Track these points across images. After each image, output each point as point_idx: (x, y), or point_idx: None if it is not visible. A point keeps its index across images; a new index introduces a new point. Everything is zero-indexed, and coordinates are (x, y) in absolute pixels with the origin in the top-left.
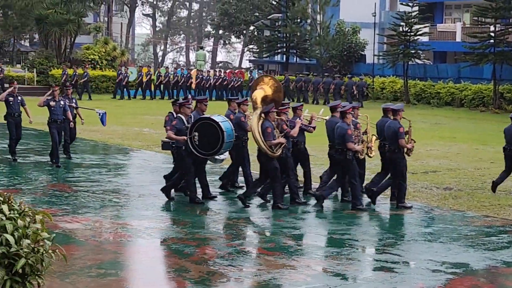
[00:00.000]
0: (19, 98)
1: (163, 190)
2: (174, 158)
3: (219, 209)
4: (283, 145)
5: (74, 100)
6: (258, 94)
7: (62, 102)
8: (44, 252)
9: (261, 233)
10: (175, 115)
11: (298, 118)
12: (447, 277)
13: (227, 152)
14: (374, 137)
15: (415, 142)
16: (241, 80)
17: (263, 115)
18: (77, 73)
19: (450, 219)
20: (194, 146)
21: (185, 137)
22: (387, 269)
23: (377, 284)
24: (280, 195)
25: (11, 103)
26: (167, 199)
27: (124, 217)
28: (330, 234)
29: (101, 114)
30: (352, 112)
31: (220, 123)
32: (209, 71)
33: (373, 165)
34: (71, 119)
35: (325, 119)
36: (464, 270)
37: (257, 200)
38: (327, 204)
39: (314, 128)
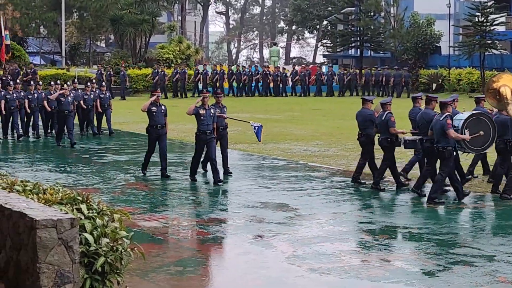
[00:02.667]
0: (163, 107)
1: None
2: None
3: (295, 205)
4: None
5: (225, 109)
6: (507, 90)
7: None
8: (122, 250)
9: (339, 230)
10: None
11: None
12: None
13: None
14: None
15: None
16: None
17: None
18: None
19: None
20: (467, 144)
21: (468, 136)
22: (467, 263)
23: (457, 279)
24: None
25: (154, 113)
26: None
27: (201, 215)
28: (407, 228)
29: (256, 127)
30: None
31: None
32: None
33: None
34: (213, 130)
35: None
36: None
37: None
38: (402, 197)
39: None
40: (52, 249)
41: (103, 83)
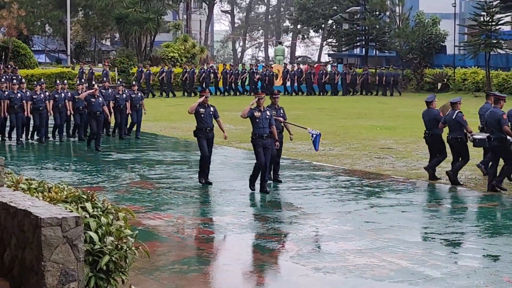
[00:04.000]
0: (211, 109)
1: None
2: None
3: (299, 204)
4: None
5: (282, 111)
6: None
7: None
8: (127, 249)
9: (344, 229)
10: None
11: None
12: None
13: None
14: None
15: None
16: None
17: None
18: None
19: None
20: None
21: None
22: (472, 263)
23: (462, 278)
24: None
25: (202, 115)
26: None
27: (206, 213)
28: (412, 228)
29: (314, 135)
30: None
31: None
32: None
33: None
34: (276, 137)
35: None
36: None
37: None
38: (407, 197)
39: None
40: (57, 247)
41: (134, 82)
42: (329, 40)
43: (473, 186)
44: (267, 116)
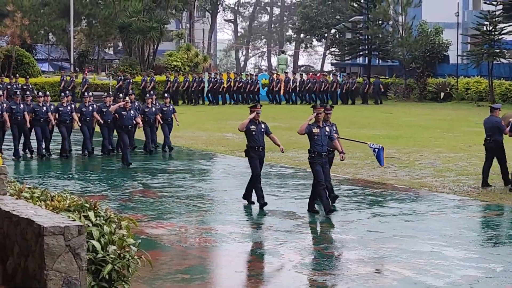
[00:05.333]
0: (263, 126)
1: None
2: None
3: (302, 213)
4: None
5: (334, 128)
6: None
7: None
8: (130, 257)
9: (347, 239)
10: None
11: None
12: None
13: None
14: None
15: None
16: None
17: None
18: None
19: None
20: None
21: None
22: (475, 273)
23: None
24: None
25: (253, 132)
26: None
27: (209, 222)
28: (415, 237)
29: (376, 150)
30: None
31: None
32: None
33: None
34: (340, 148)
35: None
36: None
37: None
38: (410, 206)
39: None
40: (59, 256)
41: (166, 95)
42: (332, 49)
43: (476, 195)
44: (326, 133)
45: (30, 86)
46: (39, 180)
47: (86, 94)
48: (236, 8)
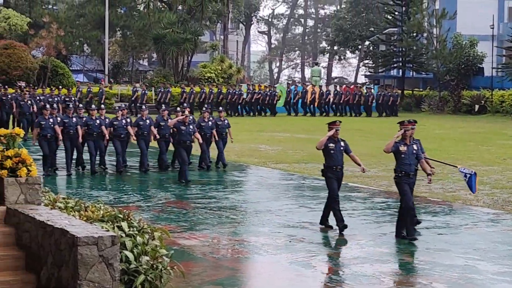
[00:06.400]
0: (342, 144)
1: None
2: None
3: (335, 226)
4: None
5: (419, 145)
6: None
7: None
8: (162, 268)
9: (380, 251)
10: None
11: None
12: None
13: None
14: None
15: None
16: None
17: None
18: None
19: None
20: None
21: None
22: (510, 287)
23: None
24: None
25: (332, 151)
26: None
27: (241, 234)
28: (448, 251)
29: (468, 175)
30: None
31: None
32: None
33: None
34: (429, 169)
35: None
36: None
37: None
38: (444, 219)
39: None
40: (93, 266)
41: (220, 108)
42: (366, 61)
43: (510, 209)
44: (414, 151)
45: (73, 98)
46: (73, 191)
47: (143, 107)
48: (270, 20)
